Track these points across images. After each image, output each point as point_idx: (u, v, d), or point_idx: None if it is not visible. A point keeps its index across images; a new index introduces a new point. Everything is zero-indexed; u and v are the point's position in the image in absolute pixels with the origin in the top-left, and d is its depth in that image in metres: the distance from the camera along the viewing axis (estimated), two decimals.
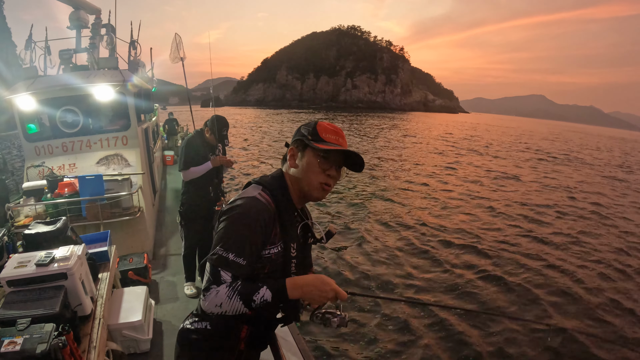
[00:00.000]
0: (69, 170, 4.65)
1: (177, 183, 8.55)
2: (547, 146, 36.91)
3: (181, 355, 1.33)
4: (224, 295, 1.09)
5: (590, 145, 45.76)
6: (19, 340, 1.47)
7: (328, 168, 1.26)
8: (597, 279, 6.99)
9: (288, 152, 1.32)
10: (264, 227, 1.17)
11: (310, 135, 1.26)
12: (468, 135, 43.94)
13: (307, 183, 1.28)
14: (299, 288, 1.14)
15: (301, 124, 1.35)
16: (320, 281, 1.17)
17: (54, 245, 2.16)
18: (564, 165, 23.02)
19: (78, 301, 1.95)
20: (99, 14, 6.06)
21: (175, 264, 4.51)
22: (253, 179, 1.33)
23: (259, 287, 1.12)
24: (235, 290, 1.10)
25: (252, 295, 1.10)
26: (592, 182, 17.84)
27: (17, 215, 3.78)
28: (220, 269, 1.11)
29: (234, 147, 22.54)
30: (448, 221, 9.96)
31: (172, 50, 4.93)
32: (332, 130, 1.28)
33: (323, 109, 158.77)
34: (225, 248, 1.12)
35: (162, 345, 3.01)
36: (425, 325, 5.13)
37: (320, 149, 1.24)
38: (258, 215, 1.16)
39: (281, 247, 1.24)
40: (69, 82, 4.62)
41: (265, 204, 1.20)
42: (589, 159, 28.30)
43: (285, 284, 1.14)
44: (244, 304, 1.10)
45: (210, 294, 1.11)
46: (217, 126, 3.46)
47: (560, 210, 11.72)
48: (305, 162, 1.27)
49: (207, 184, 3.57)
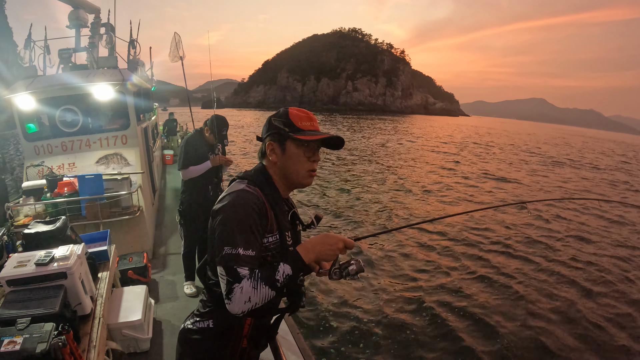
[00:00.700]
0: (69, 169, 4.65)
1: (176, 182, 8.55)
2: (568, 151, 36.09)
3: (183, 355, 1.33)
4: (249, 288, 1.08)
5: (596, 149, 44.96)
6: (19, 339, 1.47)
7: (312, 155, 1.29)
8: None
9: (266, 146, 1.30)
10: (260, 215, 1.18)
11: (286, 127, 1.26)
12: (468, 137, 43.96)
13: (295, 173, 1.29)
14: (311, 250, 1.18)
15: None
16: (326, 237, 1.21)
17: (53, 244, 2.16)
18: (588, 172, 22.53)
19: (78, 300, 1.95)
20: (98, 13, 6.06)
21: (174, 263, 4.51)
22: (236, 175, 1.33)
23: (276, 266, 1.13)
24: (257, 279, 1.09)
25: (274, 276, 1.11)
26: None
27: (17, 215, 3.78)
28: (235, 266, 1.10)
29: (234, 144, 22.61)
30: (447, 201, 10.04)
31: (172, 50, 4.91)
32: (306, 117, 1.28)
33: (324, 111, 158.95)
34: (232, 245, 1.11)
35: (162, 344, 3.01)
36: (421, 323, 5.15)
37: (303, 141, 1.25)
38: (251, 205, 1.17)
39: (277, 236, 1.25)
40: (69, 82, 4.61)
41: (255, 194, 1.20)
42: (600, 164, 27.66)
43: (297, 252, 1.17)
44: (270, 287, 1.10)
45: (235, 294, 1.08)
46: (217, 125, 3.46)
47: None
48: (289, 154, 1.27)
49: (206, 183, 3.57)
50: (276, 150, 1.28)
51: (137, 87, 5.22)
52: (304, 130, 1.25)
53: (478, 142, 37.71)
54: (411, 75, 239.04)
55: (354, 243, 1.24)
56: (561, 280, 6.74)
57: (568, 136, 77.23)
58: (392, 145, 29.23)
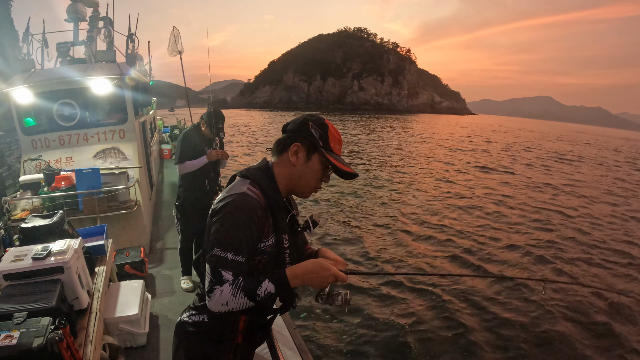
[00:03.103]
0: (66, 163, 4.64)
1: (174, 177, 8.54)
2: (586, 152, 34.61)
3: (179, 348, 1.34)
4: (228, 293, 1.11)
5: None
6: (16, 334, 1.47)
7: (326, 177, 1.31)
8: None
9: (291, 146, 1.26)
10: (258, 223, 1.17)
11: (321, 140, 1.25)
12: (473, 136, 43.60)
13: (306, 184, 1.29)
14: (299, 277, 1.17)
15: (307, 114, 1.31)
16: (319, 267, 1.18)
17: (50, 238, 2.16)
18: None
19: (74, 295, 1.96)
20: (96, 6, 6.02)
21: (171, 258, 4.52)
22: (239, 172, 1.30)
23: (261, 281, 1.14)
24: (238, 288, 1.11)
25: (255, 290, 1.12)
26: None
27: (14, 209, 3.78)
28: (220, 269, 1.12)
29: (239, 144, 22.23)
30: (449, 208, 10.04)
31: (170, 44, 4.90)
32: (339, 140, 1.29)
33: (330, 110, 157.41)
34: (223, 248, 1.12)
35: (159, 339, 3.03)
36: (421, 321, 5.18)
37: (333, 165, 1.24)
38: (251, 212, 1.16)
39: (274, 239, 1.24)
40: (66, 75, 4.59)
41: (256, 199, 1.19)
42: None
43: (286, 275, 1.16)
44: (250, 299, 1.12)
45: (214, 295, 1.12)
46: (213, 119, 3.47)
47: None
48: (311, 165, 1.26)
49: (203, 177, 3.57)
50: (301, 155, 1.26)
51: (135, 82, 5.21)
52: (332, 152, 1.26)
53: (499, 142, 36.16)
54: (417, 74, 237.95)
55: (346, 278, 1.22)
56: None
57: (580, 134, 75.42)
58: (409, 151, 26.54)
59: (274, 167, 1.30)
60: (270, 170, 1.30)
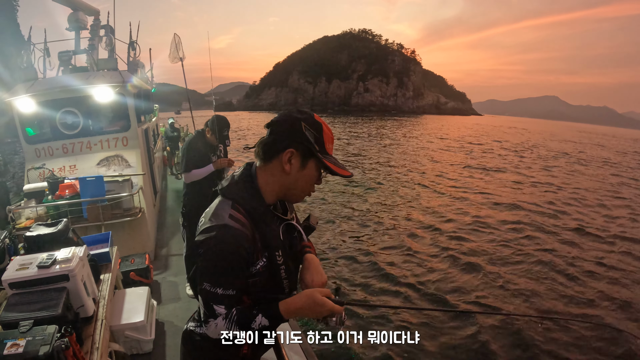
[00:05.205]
0: (70, 171, 4.66)
1: (177, 183, 8.56)
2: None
3: (186, 356, 1.33)
4: (222, 327, 1.10)
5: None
6: (22, 342, 1.47)
7: (320, 181, 1.22)
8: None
9: (284, 153, 1.12)
10: (245, 254, 1.10)
11: (317, 144, 1.13)
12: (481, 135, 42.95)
13: (301, 190, 1.20)
14: (292, 312, 1.11)
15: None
16: (313, 302, 1.10)
17: (55, 247, 2.15)
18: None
19: (80, 303, 1.95)
20: (97, 15, 6.06)
21: (176, 264, 4.51)
22: (220, 189, 1.20)
23: (254, 315, 1.10)
24: (232, 322, 1.10)
25: (249, 324, 1.10)
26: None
27: (19, 218, 3.79)
28: (212, 303, 1.10)
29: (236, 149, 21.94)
30: (449, 223, 9.94)
31: (172, 51, 4.91)
32: (332, 139, 1.19)
33: (335, 113, 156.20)
34: (212, 284, 1.09)
35: (165, 345, 3.02)
36: (424, 328, 5.12)
37: (331, 170, 1.14)
38: (236, 246, 1.07)
39: (265, 259, 1.17)
40: (69, 84, 4.62)
41: (240, 229, 1.09)
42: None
43: (278, 310, 1.11)
44: (245, 331, 1.11)
45: (210, 326, 1.12)
46: (218, 126, 3.44)
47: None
48: (306, 172, 1.16)
49: (209, 185, 3.55)
50: (295, 162, 1.14)
51: (137, 89, 5.23)
52: (328, 155, 1.16)
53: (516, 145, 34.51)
54: (422, 75, 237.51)
55: (341, 310, 1.12)
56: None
57: (591, 135, 73.58)
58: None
59: (259, 174, 1.19)
60: (253, 180, 1.19)
